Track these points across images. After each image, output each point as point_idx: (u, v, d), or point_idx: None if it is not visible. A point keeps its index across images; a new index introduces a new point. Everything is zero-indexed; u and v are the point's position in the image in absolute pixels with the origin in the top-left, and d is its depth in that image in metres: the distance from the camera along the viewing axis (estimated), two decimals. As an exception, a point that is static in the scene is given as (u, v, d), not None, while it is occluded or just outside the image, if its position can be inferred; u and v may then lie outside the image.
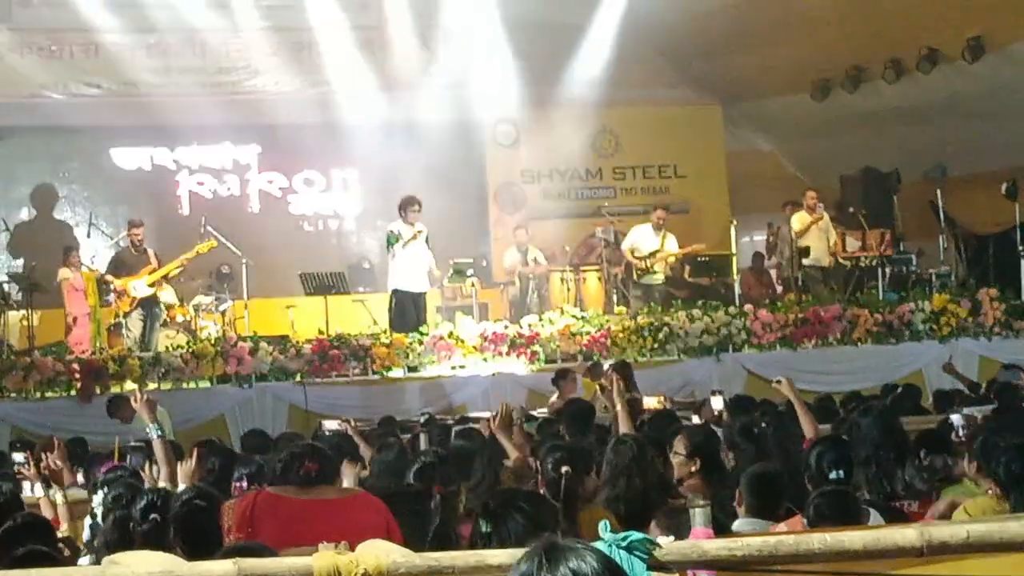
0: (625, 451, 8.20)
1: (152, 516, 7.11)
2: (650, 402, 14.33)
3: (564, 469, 7.61)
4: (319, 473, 7.12)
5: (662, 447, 8.61)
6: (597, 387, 16.82)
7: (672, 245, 22.13)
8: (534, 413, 15.24)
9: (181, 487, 8.45)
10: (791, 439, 9.63)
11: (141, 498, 7.38)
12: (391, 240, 20.30)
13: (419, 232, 20.09)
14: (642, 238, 22.14)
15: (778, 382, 10.89)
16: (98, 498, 8.29)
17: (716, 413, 13.03)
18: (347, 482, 8.80)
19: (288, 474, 7.12)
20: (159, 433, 9.02)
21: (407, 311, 19.98)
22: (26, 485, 10.02)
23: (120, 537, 7.36)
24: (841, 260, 22.56)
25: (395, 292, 20.30)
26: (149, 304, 20.38)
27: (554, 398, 17.05)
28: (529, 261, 22.97)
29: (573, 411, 12.18)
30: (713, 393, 14.07)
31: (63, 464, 10.11)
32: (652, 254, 21.90)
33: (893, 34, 22.64)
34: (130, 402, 9.09)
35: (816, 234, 21.97)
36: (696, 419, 12.06)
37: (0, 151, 24.07)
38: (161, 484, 8.52)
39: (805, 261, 21.95)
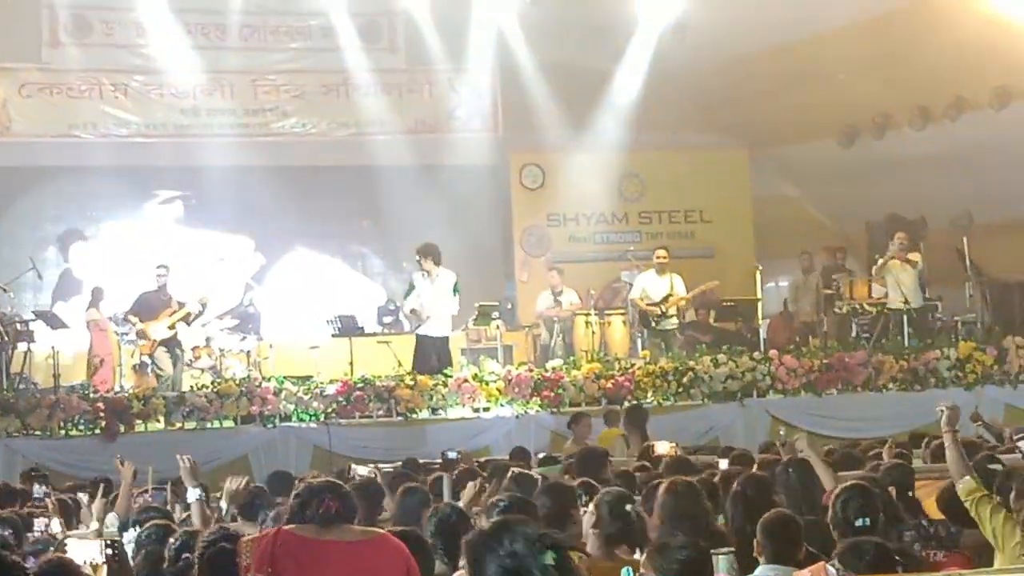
0: (681, 496, 8.15)
1: (184, 556, 7.15)
2: (662, 447, 14.14)
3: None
4: (339, 511, 7.06)
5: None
6: (621, 434, 16.80)
7: (680, 287, 21.70)
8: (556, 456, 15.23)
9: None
10: (814, 487, 9.58)
11: (175, 538, 7.43)
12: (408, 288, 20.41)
13: (434, 278, 19.99)
14: (649, 284, 21.76)
15: (797, 439, 10.95)
16: (130, 535, 8.31)
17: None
18: None
19: (307, 511, 7.05)
20: (200, 496, 9.10)
21: (429, 356, 19.99)
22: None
23: (151, 573, 7.40)
24: (867, 307, 22.50)
25: (418, 336, 20.33)
26: (171, 345, 20.47)
27: (568, 442, 17.01)
28: (563, 303, 22.93)
29: (584, 456, 12.11)
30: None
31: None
32: (664, 299, 21.59)
33: (920, 82, 22.65)
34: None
35: (893, 276, 21.47)
36: (724, 464, 11.89)
37: (28, 190, 24.14)
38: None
39: (891, 305, 21.69)
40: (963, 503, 8.35)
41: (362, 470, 12.77)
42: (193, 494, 9.11)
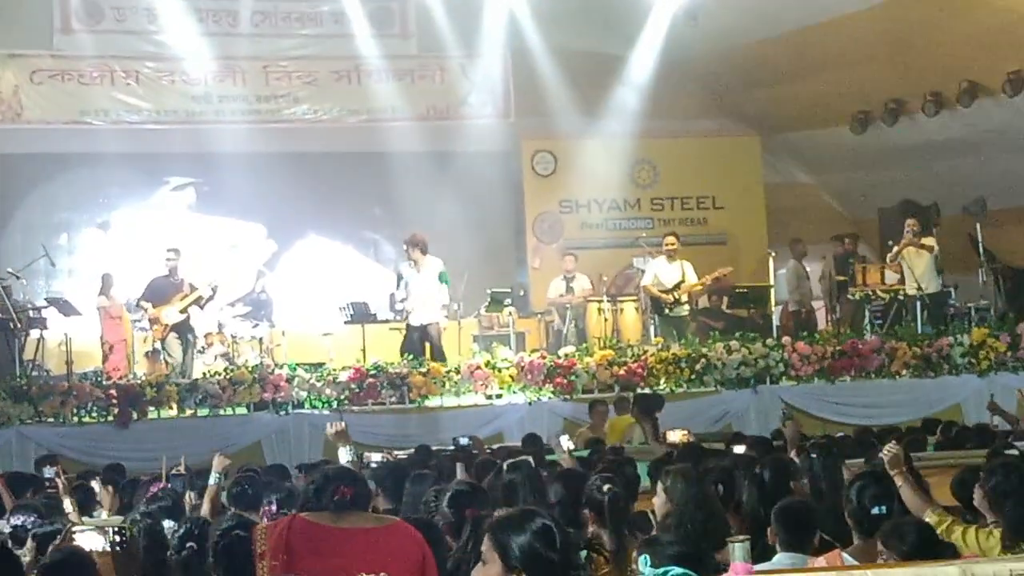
0: (687, 483, 8.11)
1: (189, 544, 7.08)
2: (674, 435, 14.16)
3: (607, 487, 7.64)
4: (354, 498, 7.05)
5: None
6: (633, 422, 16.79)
7: (691, 273, 21.67)
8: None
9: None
10: (838, 473, 9.53)
11: (180, 525, 7.33)
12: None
13: (421, 268, 20.05)
14: (661, 271, 21.72)
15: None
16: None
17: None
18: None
19: (322, 498, 7.04)
20: (217, 481, 9.16)
21: (412, 343, 20.04)
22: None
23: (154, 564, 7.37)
24: (880, 293, 22.47)
25: (407, 326, 20.43)
26: (183, 330, 20.47)
27: (583, 428, 17.02)
28: (575, 289, 22.91)
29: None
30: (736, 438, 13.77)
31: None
32: (677, 286, 21.53)
33: (933, 68, 22.58)
34: None
35: (907, 263, 21.48)
36: (739, 450, 11.87)
37: (40, 177, 24.14)
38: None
39: (910, 291, 21.63)
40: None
41: (375, 457, 12.77)
42: (213, 478, 9.01)
